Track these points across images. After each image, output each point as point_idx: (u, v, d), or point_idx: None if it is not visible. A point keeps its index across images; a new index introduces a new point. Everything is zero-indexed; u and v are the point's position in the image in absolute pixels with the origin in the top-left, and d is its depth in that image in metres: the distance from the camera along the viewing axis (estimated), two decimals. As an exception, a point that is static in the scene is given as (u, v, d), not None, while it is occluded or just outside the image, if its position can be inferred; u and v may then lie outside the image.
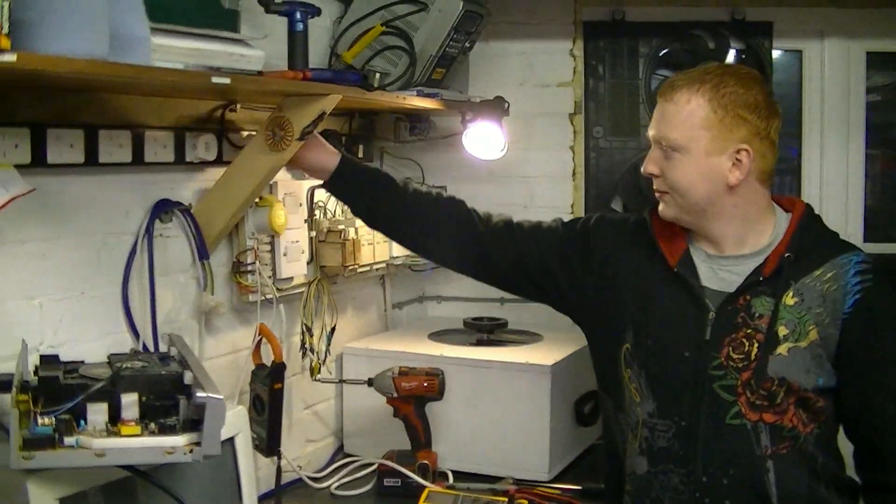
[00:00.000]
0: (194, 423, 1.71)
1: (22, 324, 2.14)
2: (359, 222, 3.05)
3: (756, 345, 2.26)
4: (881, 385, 2.25)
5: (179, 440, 1.68)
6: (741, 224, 2.33)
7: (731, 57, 3.71)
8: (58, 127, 2.18)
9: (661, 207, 2.40)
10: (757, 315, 2.27)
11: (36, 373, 1.79)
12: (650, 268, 2.43)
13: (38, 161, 2.14)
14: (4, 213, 1.96)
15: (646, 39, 3.78)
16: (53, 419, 1.65)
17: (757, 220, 2.34)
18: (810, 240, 2.32)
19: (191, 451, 1.67)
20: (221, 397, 1.69)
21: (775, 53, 3.76)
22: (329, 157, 2.58)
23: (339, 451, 3.32)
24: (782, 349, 2.24)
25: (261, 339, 2.67)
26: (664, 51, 3.77)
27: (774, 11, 3.71)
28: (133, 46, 1.90)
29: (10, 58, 1.56)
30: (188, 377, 1.76)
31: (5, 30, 1.55)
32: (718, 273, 2.35)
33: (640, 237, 2.49)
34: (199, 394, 1.68)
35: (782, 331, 2.25)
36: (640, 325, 2.40)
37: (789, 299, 2.26)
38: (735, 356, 2.27)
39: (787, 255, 2.28)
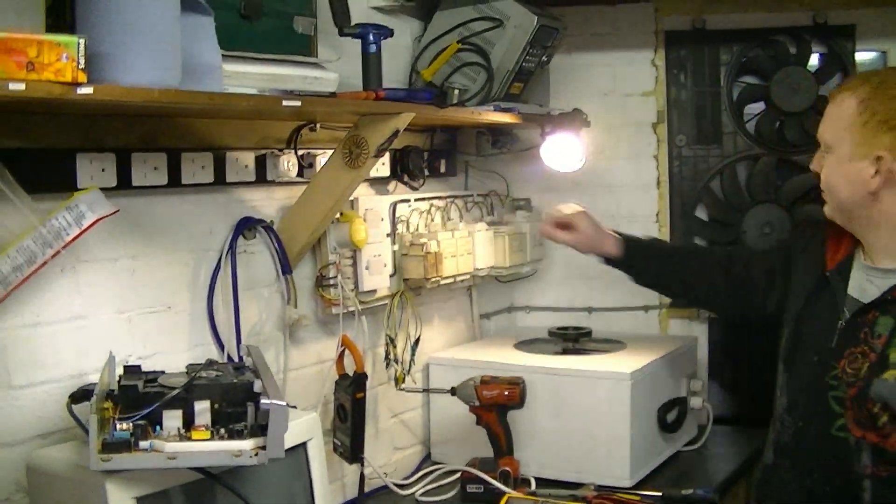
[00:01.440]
0: (261, 429, 1.81)
1: (112, 337, 2.28)
2: (441, 235, 3.16)
3: (867, 364, 2.29)
4: None
5: (246, 444, 1.79)
6: (888, 235, 2.35)
7: (814, 60, 3.72)
8: (142, 151, 2.31)
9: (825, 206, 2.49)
10: (877, 334, 2.30)
11: (119, 382, 1.90)
12: (814, 269, 2.52)
13: (124, 184, 2.27)
14: (96, 232, 2.12)
15: (727, 47, 3.81)
16: (131, 424, 1.77)
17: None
18: None
19: (256, 455, 1.78)
20: (284, 404, 1.79)
21: (859, 56, 3.75)
22: (610, 242, 3.00)
23: (427, 459, 3.41)
24: (889, 374, 2.25)
25: (344, 350, 2.80)
26: (745, 58, 3.79)
27: (857, 14, 3.72)
28: (206, 74, 2.02)
29: (88, 90, 1.68)
30: (258, 385, 1.87)
31: (82, 64, 1.67)
32: (864, 284, 2.38)
33: (816, 238, 2.57)
34: (264, 400, 1.79)
35: (893, 355, 2.25)
36: (792, 323, 2.51)
37: None
38: (849, 370, 2.32)
39: None
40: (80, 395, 2.01)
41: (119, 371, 2.02)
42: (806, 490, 2.39)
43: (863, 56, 3.77)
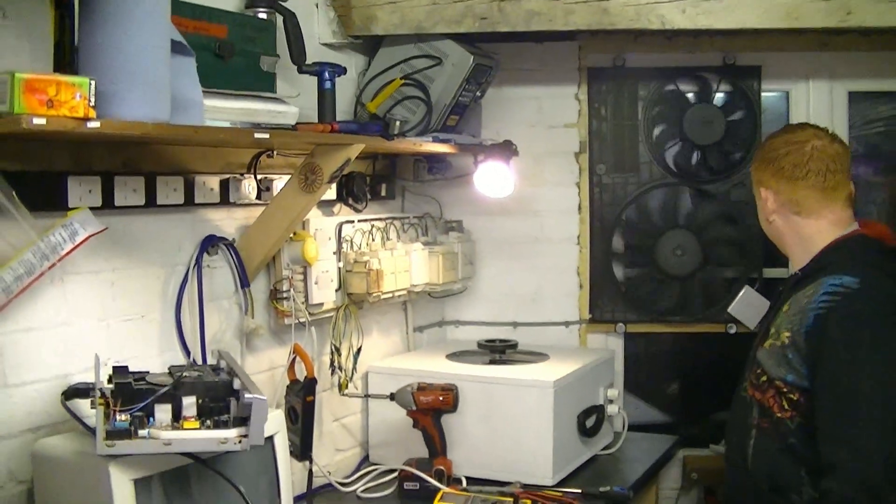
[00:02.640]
0: (243, 420, 2.08)
1: (94, 341, 2.52)
2: (381, 253, 3.42)
3: (760, 335, 2.82)
4: (821, 393, 2.60)
5: (231, 433, 2.06)
6: (789, 246, 2.91)
7: (719, 98, 4.06)
8: (123, 174, 2.56)
9: None
10: (775, 315, 2.80)
11: (110, 381, 2.15)
12: None
13: (108, 203, 2.52)
14: (83, 248, 2.35)
15: (644, 83, 4.11)
16: (129, 416, 2.03)
17: (796, 244, 2.87)
18: (823, 261, 2.77)
19: (240, 442, 2.05)
20: (265, 397, 2.06)
21: (765, 94, 4.08)
22: None
23: (366, 460, 3.65)
24: (767, 343, 2.74)
25: (295, 358, 3.03)
26: (661, 94, 4.10)
27: (763, 56, 4.04)
28: (189, 108, 2.27)
29: (96, 125, 1.94)
30: (237, 383, 2.14)
31: (92, 102, 1.93)
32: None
33: None
34: (247, 395, 2.06)
35: (772, 330, 2.75)
36: None
37: (785, 307, 2.75)
38: (756, 343, 2.83)
39: (798, 272, 2.83)
40: (72, 392, 2.25)
41: (105, 371, 2.26)
42: (731, 445, 2.92)
43: (768, 95, 4.11)
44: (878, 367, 2.55)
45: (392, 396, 3.32)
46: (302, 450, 2.98)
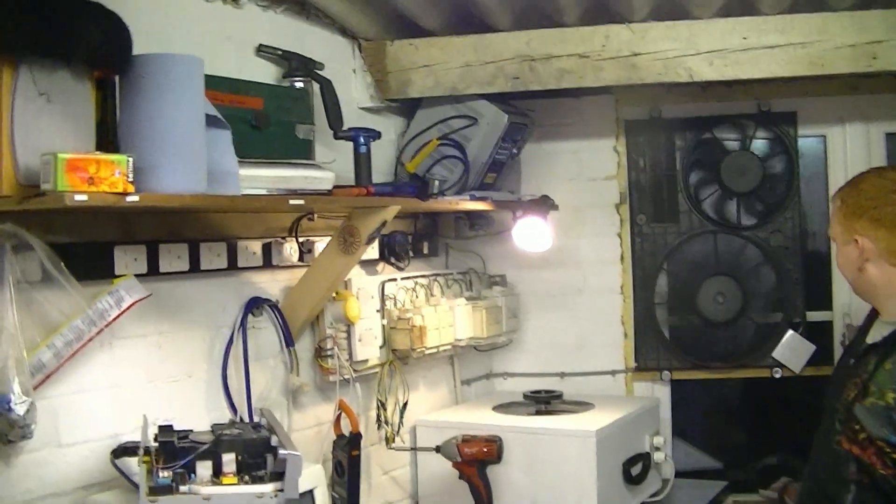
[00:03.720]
0: (279, 475, 2.18)
1: (143, 402, 2.63)
2: (425, 309, 3.51)
3: (854, 391, 2.71)
4: None
5: (267, 487, 2.15)
6: (881, 297, 2.81)
7: (760, 144, 4.12)
8: (168, 242, 2.69)
9: None
10: (866, 370, 2.72)
11: (156, 439, 2.26)
12: None
13: (153, 270, 2.64)
14: (130, 312, 2.47)
15: (681, 133, 4.20)
16: (171, 472, 2.13)
17: (892, 295, 2.79)
18: None
19: (275, 496, 2.14)
20: (299, 454, 2.16)
21: (801, 140, 4.14)
22: None
23: (416, 513, 3.74)
24: (867, 402, 2.66)
25: (340, 413, 3.12)
26: (698, 143, 4.17)
27: (798, 101, 4.10)
28: (225, 178, 2.39)
29: (135, 199, 2.06)
30: (274, 440, 2.23)
31: (131, 178, 2.05)
32: (876, 334, 2.82)
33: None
34: (282, 451, 2.16)
35: (872, 387, 2.67)
36: None
37: (888, 364, 2.67)
38: (848, 396, 2.73)
39: None
40: (120, 451, 2.38)
41: (152, 430, 2.37)
42: (812, 494, 2.88)
43: (804, 140, 4.16)
44: None
45: (438, 449, 3.39)
46: (350, 502, 3.06)
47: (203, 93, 2.31)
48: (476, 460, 3.35)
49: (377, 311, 3.45)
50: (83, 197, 1.97)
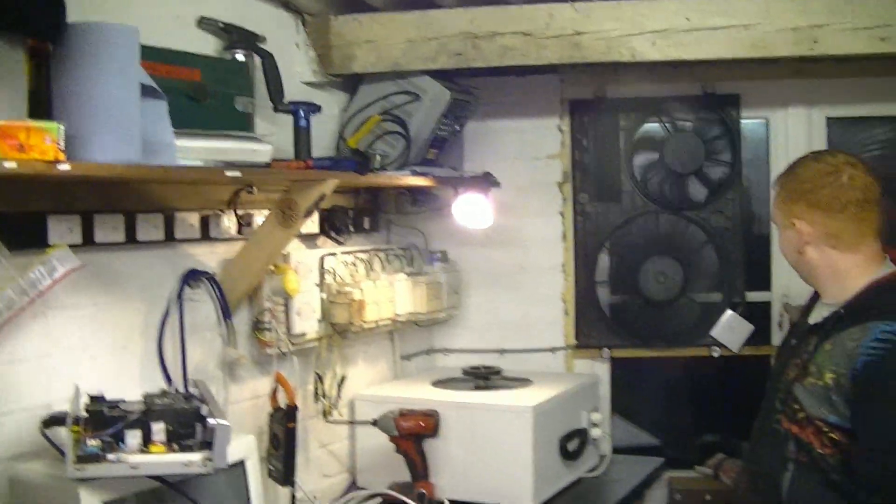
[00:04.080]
0: (208, 445, 2.18)
1: (77, 373, 2.62)
2: (364, 284, 3.52)
3: (795, 372, 2.76)
4: (866, 441, 2.59)
5: (196, 456, 2.16)
6: (821, 280, 2.84)
7: (701, 127, 4.16)
8: (104, 213, 2.68)
9: None
10: (807, 350, 2.76)
11: (86, 409, 2.26)
12: None
13: (88, 241, 2.63)
14: (64, 283, 2.45)
15: (625, 114, 4.23)
16: (99, 441, 2.14)
17: (830, 277, 2.82)
18: (869, 302, 2.72)
19: (204, 464, 2.15)
20: (228, 423, 2.17)
21: (744, 122, 4.19)
22: None
23: (353, 485, 3.74)
24: (807, 382, 2.70)
25: (277, 386, 3.13)
26: (642, 124, 4.22)
27: (742, 85, 4.14)
28: (161, 149, 2.38)
29: (66, 167, 2.05)
30: (204, 409, 2.24)
31: (62, 146, 2.04)
32: (817, 315, 2.85)
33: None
34: (211, 420, 2.17)
35: (811, 368, 2.70)
36: None
37: (827, 345, 2.69)
38: (789, 376, 2.78)
39: (840, 310, 2.75)
40: (51, 420, 2.36)
41: (84, 400, 2.37)
42: (752, 472, 2.92)
43: (748, 122, 4.21)
44: None
45: (375, 422, 3.42)
46: (285, 475, 3.08)
47: (138, 63, 2.30)
48: (413, 434, 3.38)
49: (316, 284, 3.44)
50: (12, 164, 1.96)
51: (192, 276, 2.98)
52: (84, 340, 2.67)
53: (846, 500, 2.64)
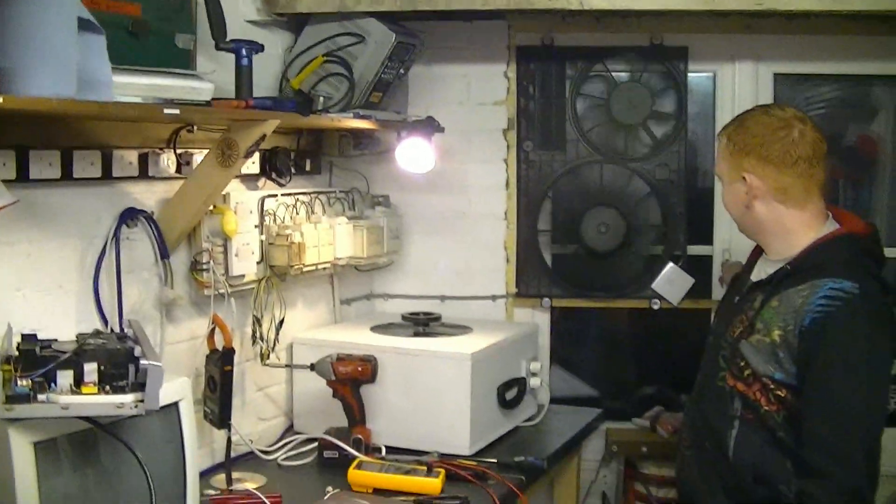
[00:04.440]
0: (141, 386, 2.16)
1: (10, 311, 2.58)
2: (305, 227, 3.49)
3: (741, 328, 2.79)
4: (811, 397, 2.64)
5: (128, 398, 2.13)
6: (768, 236, 2.88)
7: (648, 78, 4.14)
8: (39, 148, 2.62)
9: None
10: (752, 307, 2.79)
11: (18, 348, 2.23)
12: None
13: (23, 177, 2.58)
14: (-4, 219, 2.42)
15: (573, 63, 4.20)
16: (30, 381, 2.10)
17: (777, 234, 2.85)
18: (816, 259, 2.76)
19: (135, 406, 2.13)
20: (160, 364, 2.14)
21: (692, 76, 4.17)
22: None
23: (290, 429, 3.73)
24: (753, 339, 2.74)
25: (214, 328, 3.10)
26: (589, 74, 4.19)
27: (690, 37, 4.12)
28: (98, 85, 2.32)
29: (-2, 100, 2.00)
30: (137, 350, 2.21)
31: (-8, 78, 1.99)
32: (760, 272, 2.89)
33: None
34: (143, 361, 2.14)
35: (758, 325, 2.74)
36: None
37: (774, 302, 2.73)
38: (733, 334, 2.82)
39: (787, 267, 2.78)
40: (-19, 359, 2.33)
41: (17, 339, 2.33)
42: (696, 431, 2.93)
43: (695, 76, 4.20)
44: (872, 377, 2.62)
45: (312, 367, 3.40)
46: (221, 418, 3.06)
47: (76, -5, 2.24)
48: (350, 379, 3.37)
49: (256, 226, 3.41)
50: (-62, 96, 1.91)
51: (130, 215, 2.94)
52: (18, 278, 2.63)
53: (791, 457, 2.68)
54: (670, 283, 4.17)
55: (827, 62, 4.10)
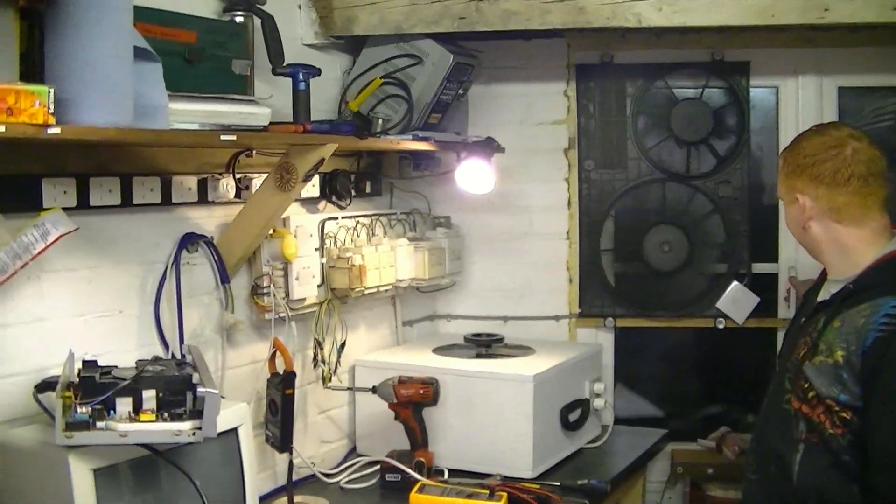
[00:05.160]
0: (198, 413, 2.16)
1: (71, 337, 2.61)
2: (365, 249, 3.49)
3: (805, 350, 2.74)
4: (876, 418, 2.57)
5: (185, 425, 2.14)
6: (826, 255, 2.83)
7: (710, 94, 4.10)
8: (98, 176, 2.65)
9: None
10: (815, 328, 2.74)
11: (78, 374, 2.24)
12: None
13: (83, 204, 2.61)
14: (58, 246, 2.45)
15: (632, 80, 4.17)
16: (89, 409, 2.12)
17: (836, 253, 2.80)
18: (878, 278, 2.70)
19: (193, 434, 2.13)
20: (217, 392, 2.15)
21: (753, 91, 4.12)
22: None
23: (353, 452, 3.73)
24: (816, 360, 2.67)
25: (275, 352, 3.11)
26: (649, 91, 4.15)
27: (751, 52, 4.08)
28: (154, 112, 2.33)
29: (56, 130, 2.02)
30: (195, 377, 2.22)
31: (51, 109, 2.00)
32: (825, 293, 2.84)
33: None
34: (200, 389, 2.15)
35: (821, 346, 2.68)
36: None
37: (836, 322, 2.67)
38: (798, 355, 2.76)
39: (849, 286, 2.72)
40: (44, 385, 2.35)
41: (78, 366, 2.35)
42: (761, 453, 2.87)
43: (757, 90, 4.15)
44: None
45: (374, 389, 3.40)
46: (282, 441, 3.06)
47: (131, 24, 2.26)
48: (412, 402, 3.36)
49: (316, 249, 3.42)
50: (1, 128, 1.93)
51: (190, 240, 2.96)
52: (79, 304, 2.65)
53: (856, 482, 2.61)
54: (735, 301, 4.12)
55: (892, 74, 4.03)
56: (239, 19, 2.99)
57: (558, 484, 3.34)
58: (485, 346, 3.80)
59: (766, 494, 2.84)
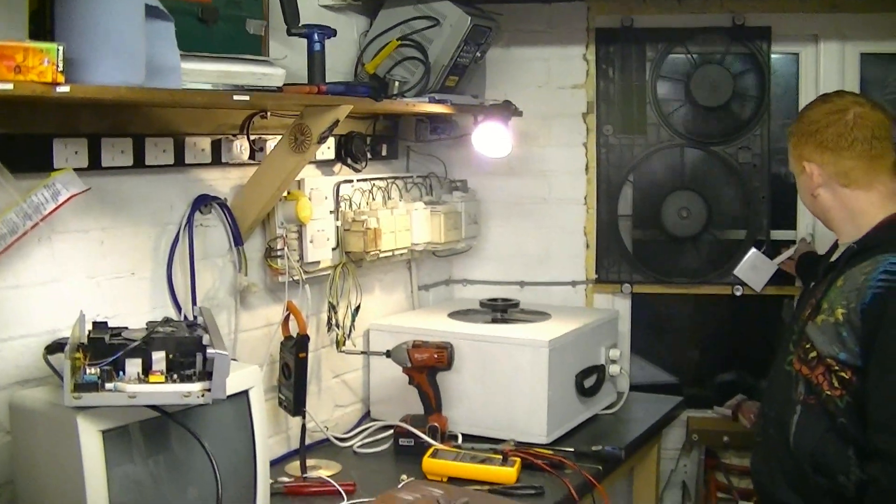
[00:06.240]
0: (208, 375, 2.15)
1: (83, 298, 2.60)
2: (381, 212, 3.47)
3: (809, 310, 2.74)
4: (874, 376, 2.54)
5: (194, 386, 2.13)
6: (836, 221, 2.84)
7: (730, 59, 4.06)
8: (111, 136, 2.63)
9: None
10: (822, 289, 2.73)
11: (89, 336, 2.23)
12: None
13: (95, 165, 2.59)
14: (70, 207, 2.44)
15: (652, 44, 4.13)
16: (98, 370, 2.10)
17: (845, 218, 2.80)
18: (881, 236, 2.69)
19: (202, 395, 2.12)
20: (227, 353, 2.13)
21: (774, 56, 4.08)
22: None
23: (367, 416, 3.73)
24: (818, 319, 2.67)
25: (289, 315, 3.10)
26: (669, 55, 4.11)
27: (773, 17, 4.03)
28: (167, 72, 2.31)
29: (65, 89, 1.99)
30: (206, 339, 2.20)
31: (61, 67, 1.98)
32: (835, 257, 2.83)
33: None
34: (210, 350, 2.13)
35: (824, 305, 2.67)
36: None
37: (839, 281, 2.66)
38: (804, 316, 2.76)
39: (853, 245, 2.72)
40: (55, 346, 2.35)
41: (88, 327, 2.34)
42: (765, 415, 2.89)
43: (777, 56, 4.10)
44: None
45: (388, 353, 3.38)
46: (295, 405, 3.06)
47: (143, -18, 2.24)
48: (426, 366, 3.35)
49: (331, 212, 3.40)
50: (8, 86, 1.90)
51: (203, 202, 2.94)
52: (91, 266, 2.64)
53: (852, 445, 2.59)
54: (753, 269, 4.08)
55: (917, 41, 3.97)
56: (253, -21, 2.96)
57: (572, 450, 3.32)
58: (500, 310, 3.79)
59: (765, 457, 2.85)
